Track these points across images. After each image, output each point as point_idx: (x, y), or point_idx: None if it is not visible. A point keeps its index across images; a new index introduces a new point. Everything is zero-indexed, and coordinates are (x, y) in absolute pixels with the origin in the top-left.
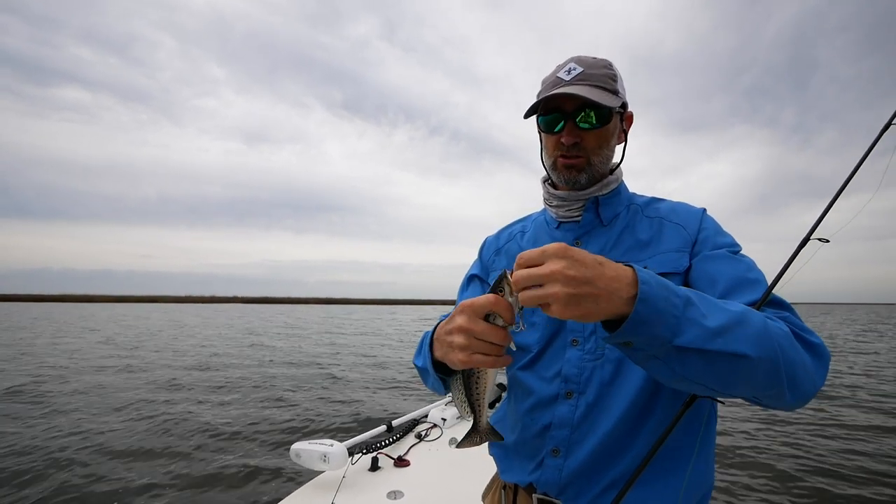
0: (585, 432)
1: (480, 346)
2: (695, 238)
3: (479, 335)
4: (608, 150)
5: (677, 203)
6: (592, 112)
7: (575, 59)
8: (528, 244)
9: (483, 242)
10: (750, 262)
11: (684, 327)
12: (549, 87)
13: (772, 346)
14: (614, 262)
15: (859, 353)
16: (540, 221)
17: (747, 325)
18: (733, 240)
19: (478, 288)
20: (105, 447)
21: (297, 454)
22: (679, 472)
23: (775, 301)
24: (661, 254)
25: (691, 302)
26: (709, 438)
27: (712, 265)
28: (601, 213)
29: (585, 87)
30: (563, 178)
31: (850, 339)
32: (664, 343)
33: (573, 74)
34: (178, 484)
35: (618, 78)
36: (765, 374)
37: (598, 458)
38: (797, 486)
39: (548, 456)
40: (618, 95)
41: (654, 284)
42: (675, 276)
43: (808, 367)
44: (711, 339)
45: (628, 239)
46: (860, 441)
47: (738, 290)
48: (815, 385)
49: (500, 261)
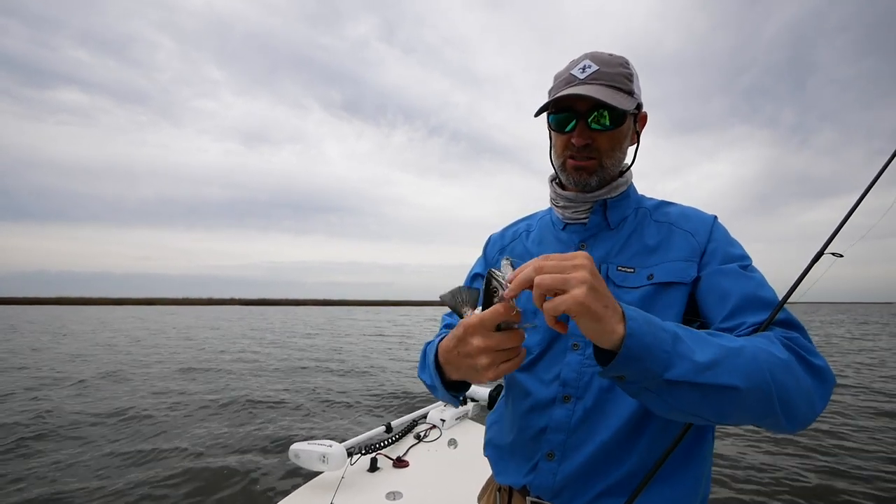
0: (582, 438)
1: (503, 356)
2: (704, 248)
3: (498, 348)
4: (620, 152)
5: (688, 208)
6: (606, 113)
7: (590, 55)
8: (533, 244)
9: (487, 240)
10: (760, 278)
11: (674, 361)
12: (561, 85)
13: (763, 377)
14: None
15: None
16: (546, 221)
17: (737, 358)
18: (744, 251)
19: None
20: (105, 446)
21: (296, 454)
22: (677, 481)
23: (785, 321)
24: (668, 262)
25: (679, 338)
26: (706, 449)
27: (723, 281)
28: (609, 216)
29: (600, 86)
30: (573, 179)
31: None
32: (655, 377)
33: (588, 73)
34: (177, 484)
35: (634, 77)
36: (757, 404)
37: (594, 465)
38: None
39: (542, 459)
40: (633, 96)
41: (640, 321)
42: (682, 286)
43: (808, 392)
44: (701, 372)
45: (635, 243)
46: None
47: (748, 309)
48: (815, 410)
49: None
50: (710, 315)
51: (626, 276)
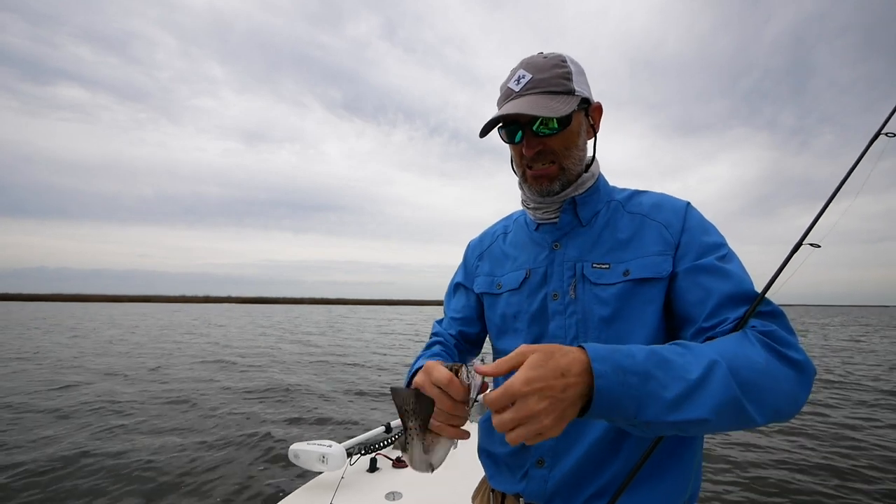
0: (570, 442)
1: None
2: (678, 239)
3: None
4: (577, 149)
5: (660, 196)
6: (551, 117)
7: (525, 63)
8: (510, 246)
9: (467, 246)
10: (738, 267)
11: (645, 404)
12: (501, 100)
13: (733, 397)
14: (571, 353)
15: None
16: (521, 222)
17: (707, 386)
18: (719, 237)
19: (462, 297)
20: (104, 446)
21: (296, 455)
22: (664, 478)
23: (766, 312)
24: (642, 257)
25: (650, 375)
26: (695, 444)
27: (701, 278)
28: (579, 213)
29: (534, 96)
30: (535, 189)
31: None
32: (629, 419)
33: (523, 83)
34: (176, 483)
35: (573, 74)
36: (729, 421)
37: (583, 469)
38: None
39: (532, 467)
40: (573, 94)
41: (610, 374)
42: (658, 281)
43: (786, 387)
44: (670, 412)
45: (608, 239)
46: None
47: (727, 307)
48: (797, 403)
49: (484, 265)
50: (691, 313)
51: (601, 273)
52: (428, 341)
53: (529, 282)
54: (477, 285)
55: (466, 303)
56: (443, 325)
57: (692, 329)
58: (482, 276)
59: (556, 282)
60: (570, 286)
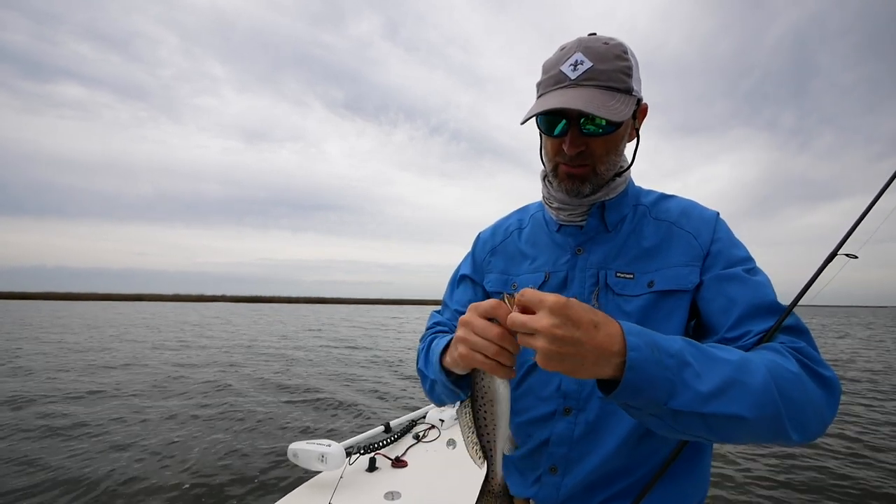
0: (585, 451)
1: (479, 344)
2: (707, 250)
3: (477, 330)
4: (616, 155)
5: (688, 203)
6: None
7: (584, 47)
8: (526, 245)
9: (476, 238)
10: (765, 281)
11: (678, 390)
12: (550, 83)
13: (773, 401)
14: (610, 324)
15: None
16: (539, 219)
17: (745, 384)
18: (747, 252)
19: (468, 290)
20: (103, 446)
21: (295, 454)
22: (678, 484)
23: (791, 326)
24: (668, 267)
25: (686, 363)
26: (707, 453)
27: (727, 287)
28: (606, 218)
29: (592, 89)
30: (565, 187)
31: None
32: (659, 405)
33: (580, 72)
34: (175, 483)
35: (633, 68)
36: (765, 429)
37: (597, 477)
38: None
39: (546, 473)
40: (632, 94)
41: (644, 348)
42: (684, 293)
43: (818, 404)
44: (706, 402)
45: (633, 247)
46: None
47: (754, 317)
48: (825, 421)
49: (497, 262)
50: (714, 323)
51: (625, 284)
52: (426, 332)
53: (548, 285)
54: (488, 282)
55: (473, 296)
56: (444, 316)
57: (714, 339)
58: (495, 274)
59: (576, 288)
60: (592, 294)
